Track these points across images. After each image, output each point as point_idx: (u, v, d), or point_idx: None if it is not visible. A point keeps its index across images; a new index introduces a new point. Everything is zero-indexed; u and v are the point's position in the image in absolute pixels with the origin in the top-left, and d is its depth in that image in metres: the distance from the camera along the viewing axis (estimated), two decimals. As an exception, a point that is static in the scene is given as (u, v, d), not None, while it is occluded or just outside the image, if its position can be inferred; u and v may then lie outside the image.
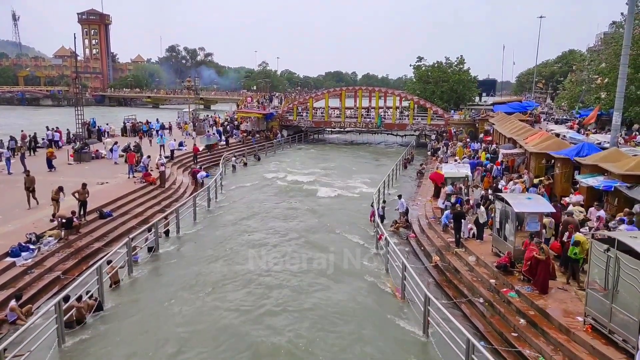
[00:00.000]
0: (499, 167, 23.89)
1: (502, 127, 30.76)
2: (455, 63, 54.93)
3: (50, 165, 24.14)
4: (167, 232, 17.39)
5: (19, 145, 28.33)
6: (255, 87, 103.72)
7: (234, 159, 33.02)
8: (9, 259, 12.82)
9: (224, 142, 38.32)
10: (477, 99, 62.65)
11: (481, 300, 11.80)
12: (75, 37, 35.61)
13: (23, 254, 13.18)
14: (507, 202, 12.97)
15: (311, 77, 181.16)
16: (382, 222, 17.61)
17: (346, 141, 51.14)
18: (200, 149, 34.43)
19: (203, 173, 26.96)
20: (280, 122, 47.36)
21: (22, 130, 32.86)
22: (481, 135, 36.98)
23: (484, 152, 28.40)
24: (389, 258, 14.23)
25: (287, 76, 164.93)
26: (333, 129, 51.29)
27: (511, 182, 19.58)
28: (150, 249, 15.62)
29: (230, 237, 17.47)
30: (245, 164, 33.99)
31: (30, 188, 17.31)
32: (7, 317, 10.45)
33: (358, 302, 12.12)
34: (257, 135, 43.75)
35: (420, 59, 57.36)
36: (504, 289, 11.52)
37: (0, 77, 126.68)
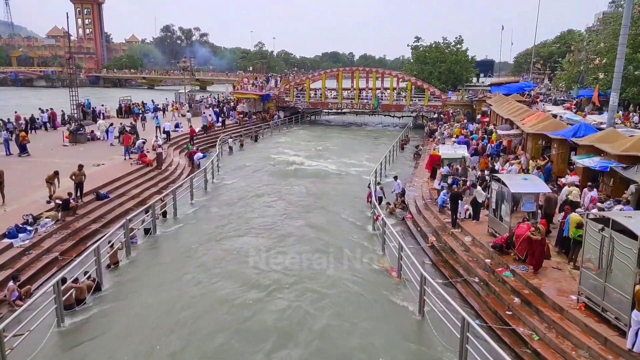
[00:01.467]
0: (493, 145, 23.96)
1: (499, 108, 30.68)
2: (453, 43, 54.48)
3: (23, 150, 23.11)
4: (164, 214, 17.39)
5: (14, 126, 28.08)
6: (251, 68, 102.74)
7: (230, 140, 32.88)
8: (6, 240, 12.83)
9: (220, 124, 38.11)
10: (474, 79, 62.34)
11: (476, 279, 11.93)
12: (67, 17, 34.99)
13: (20, 235, 13.18)
14: (503, 183, 13.01)
15: (308, 57, 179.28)
16: (379, 203, 17.67)
17: (343, 122, 50.95)
18: (197, 130, 34.24)
19: (200, 154, 26.88)
20: (276, 104, 47.05)
21: (15, 112, 32.54)
22: (478, 117, 36.90)
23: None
24: (386, 239, 14.33)
25: (283, 57, 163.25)
26: (330, 110, 51.01)
27: (507, 164, 19.65)
28: (147, 231, 15.66)
29: (227, 218, 17.51)
30: (241, 145, 33.87)
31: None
32: (5, 297, 10.48)
33: (354, 282, 12.23)
34: (254, 117, 43.50)
35: (417, 39, 56.92)
36: (499, 269, 11.65)
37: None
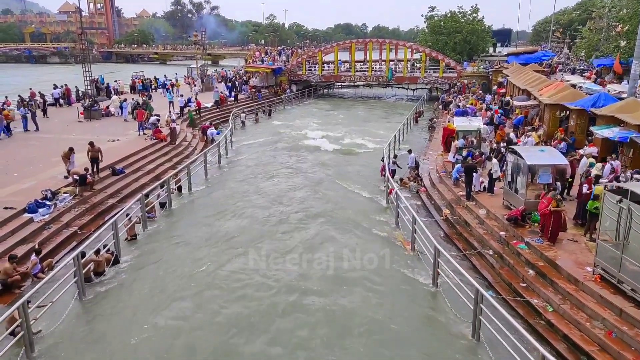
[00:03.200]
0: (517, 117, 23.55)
1: (516, 78, 29.98)
2: (469, 12, 53.01)
3: (7, 130, 22.45)
4: (179, 188, 17.57)
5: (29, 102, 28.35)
6: (263, 42, 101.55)
7: (243, 114, 32.81)
8: (26, 215, 13.13)
9: (233, 98, 38.00)
10: (491, 50, 60.87)
11: (491, 252, 11.90)
12: (78, -9, 34.75)
13: (40, 210, 13.46)
14: (519, 155, 12.82)
15: (320, 30, 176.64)
16: (392, 176, 17.60)
17: (356, 95, 50.39)
18: (209, 105, 34.28)
19: (213, 130, 26.90)
20: (289, 77, 46.62)
21: (30, 89, 32.82)
22: (494, 88, 36.16)
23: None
24: (399, 212, 14.32)
25: (295, 29, 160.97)
26: (343, 83, 50.43)
27: (523, 135, 19.31)
28: (162, 205, 15.87)
29: (241, 192, 17.63)
30: (256, 121, 33.79)
31: None
32: (29, 270, 10.79)
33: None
34: (264, 91, 43.23)
35: (432, 8, 55.55)
36: (514, 241, 11.59)
37: (6, 34, 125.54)
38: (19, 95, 29.33)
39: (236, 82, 43.54)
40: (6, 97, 29.92)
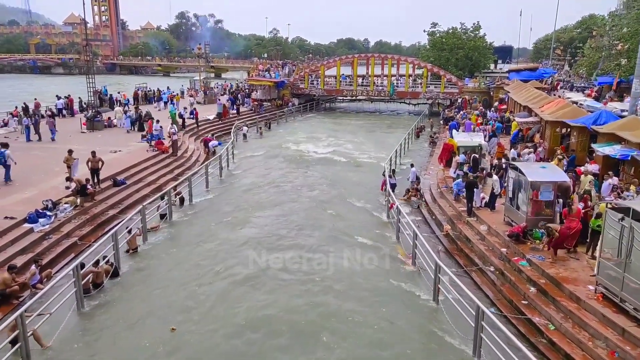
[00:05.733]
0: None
1: (517, 95, 30.14)
2: (471, 29, 53.48)
3: None
4: (181, 200, 17.56)
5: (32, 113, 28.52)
6: (266, 55, 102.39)
7: (245, 127, 32.94)
8: (27, 225, 13.10)
9: (235, 111, 38.18)
10: (492, 66, 61.28)
11: (492, 268, 11.85)
12: (84, 3, 35.18)
13: (40, 220, 13.44)
14: (520, 171, 12.83)
15: (323, 44, 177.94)
16: (393, 191, 17.60)
17: (358, 109, 50.63)
18: (211, 117, 34.46)
19: (215, 142, 27.00)
20: (291, 91, 46.92)
21: (35, 99, 33.04)
22: (496, 104, 36.33)
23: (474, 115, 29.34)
24: (400, 227, 14.29)
25: (298, 43, 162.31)
26: (345, 97, 50.73)
27: (526, 150, 19.33)
28: (162, 216, 15.84)
29: (241, 205, 17.63)
30: (261, 133, 33.91)
31: None
32: (27, 280, 10.73)
33: (368, 269, 12.25)
34: (268, 104, 43.47)
35: (434, 25, 55.98)
36: (515, 258, 11.54)
37: (12, 44, 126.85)
38: (24, 104, 29.55)
39: (239, 95, 43.80)
40: (16, 107, 30.14)
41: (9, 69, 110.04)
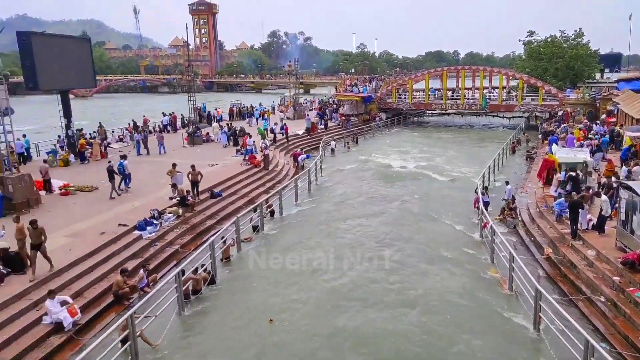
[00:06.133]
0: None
1: (629, 107, 27.43)
2: (572, 37, 49.85)
3: (82, 158, 24.63)
4: (272, 213, 18.20)
5: (141, 129, 31.39)
6: (353, 70, 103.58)
7: (333, 142, 33.45)
8: (136, 232, 14.34)
9: (323, 126, 38.95)
10: (597, 75, 56.54)
11: (602, 299, 10.77)
12: (187, 28, 38.28)
13: (148, 228, 14.65)
14: (635, 192, 11.60)
15: (410, 57, 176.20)
16: (486, 209, 16.77)
17: (448, 123, 49.23)
18: (300, 132, 35.47)
19: (303, 155, 27.73)
20: (378, 105, 46.90)
21: (144, 116, 36.33)
22: (603, 116, 33.37)
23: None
24: (495, 247, 13.56)
25: (385, 58, 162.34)
26: (434, 111, 49.60)
27: (637, 167, 17.49)
28: (255, 228, 16.50)
29: (330, 219, 17.83)
30: (349, 148, 34.26)
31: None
32: (137, 283, 11.70)
33: (462, 291, 11.72)
34: (355, 119, 43.81)
35: (531, 33, 53.00)
36: (631, 288, 10.38)
37: (126, 67, 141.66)
38: (133, 121, 32.59)
39: (327, 110, 44.66)
40: (130, 122, 33.40)
41: (122, 89, 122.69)
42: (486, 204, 17.36)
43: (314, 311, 10.79)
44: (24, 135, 25.16)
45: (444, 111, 48.36)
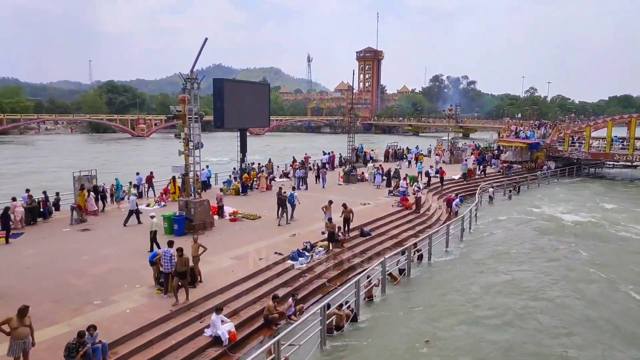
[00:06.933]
0: None
1: None
2: None
3: (244, 190, 26.50)
4: (420, 257, 17.75)
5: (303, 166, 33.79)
6: (519, 115, 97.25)
7: (491, 189, 31.50)
8: (289, 262, 15.27)
9: (481, 172, 37.03)
10: None
11: None
12: (353, 73, 40.52)
13: (300, 258, 15.50)
14: None
15: (589, 102, 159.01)
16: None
17: (632, 178, 42.56)
18: (457, 177, 34.27)
19: (457, 200, 26.62)
20: (547, 153, 42.96)
21: (305, 154, 39.12)
22: None
23: None
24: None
25: (558, 102, 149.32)
26: (616, 163, 43.49)
27: None
28: (401, 271, 16.22)
29: (481, 272, 16.63)
30: (510, 197, 31.94)
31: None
32: (285, 310, 12.37)
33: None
34: (519, 166, 40.73)
35: None
36: None
37: (295, 109, 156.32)
38: (293, 158, 35.31)
39: (486, 155, 42.48)
40: (294, 161, 36.43)
41: (290, 129, 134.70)
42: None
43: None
44: (207, 166, 29.11)
45: (630, 163, 42.02)
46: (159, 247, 14.82)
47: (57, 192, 21.86)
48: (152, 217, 16.16)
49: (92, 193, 21.04)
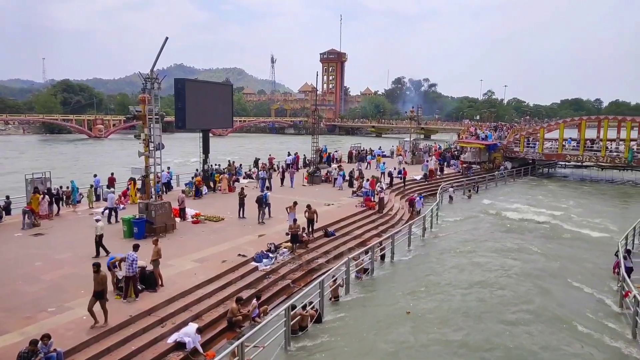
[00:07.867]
0: None
1: None
2: None
3: (197, 193, 25.67)
4: (382, 257, 17.99)
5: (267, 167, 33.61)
6: (478, 117, 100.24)
7: (451, 189, 32.33)
8: (254, 263, 15.16)
9: (439, 171, 37.96)
10: None
11: None
12: (317, 75, 40.73)
13: (264, 260, 15.41)
14: None
15: (543, 105, 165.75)
16: (629, 275, 14.63)
17: (583, 177, 44.66)
18: (418, 177, 34.96)
19: (419, 199, 27.18)
20: (504, 154, 44.48)
21: (269, 154, 38.93)
22: None
23: None
24: (638, 321, 11.70)
25: (514, 105, 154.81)
26: (568, 163, 45.50)
27: None
28: (364, 271, 16.39)
29: (442, 269, 17.05)
30: (469, 196, 32.85)
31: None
32: (249, 313, 12.27)
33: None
34: (477, 167, 41.98)
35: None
36: None
37: (259, 110, 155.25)
38: (256, 159, 35.08)
39: (446, 156, 43.57)
40: (257, 160, 36.14)
41: (254, 130, 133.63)
42: (629, 270, 15.16)
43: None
44: (169, 168, 28.49)
45: (580, 163, 44.07)
46: (106, 251, 14.81)
47: (7, 196, 20.90)
48: (97, 220, 15.52)
49: (46, 196, 20.22)
